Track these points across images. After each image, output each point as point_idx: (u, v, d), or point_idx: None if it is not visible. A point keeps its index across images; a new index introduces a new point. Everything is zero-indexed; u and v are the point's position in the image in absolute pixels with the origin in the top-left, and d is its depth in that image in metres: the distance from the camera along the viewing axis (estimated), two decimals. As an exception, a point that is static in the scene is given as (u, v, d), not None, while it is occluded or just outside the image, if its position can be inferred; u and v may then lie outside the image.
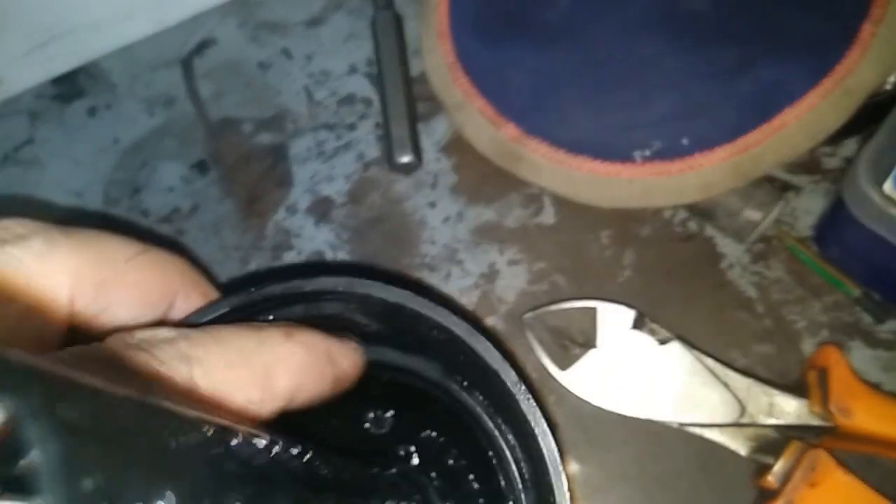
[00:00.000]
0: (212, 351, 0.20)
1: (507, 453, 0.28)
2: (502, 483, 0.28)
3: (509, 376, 0.24)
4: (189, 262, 0.26)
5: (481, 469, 0.29)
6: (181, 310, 0.25)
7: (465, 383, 0.29)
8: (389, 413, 0.29)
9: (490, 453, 0.28)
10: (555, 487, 0.24)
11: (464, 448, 0.29)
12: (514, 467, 0.28)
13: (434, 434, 0.29)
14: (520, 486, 0.27)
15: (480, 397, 0.29)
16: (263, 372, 0.21)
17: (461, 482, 0.29)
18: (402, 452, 0.28)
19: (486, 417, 0.28)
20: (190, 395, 0.19)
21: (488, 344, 0.25)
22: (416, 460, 0.28)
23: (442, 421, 0.29)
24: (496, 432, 0.28)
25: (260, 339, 0.22)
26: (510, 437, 0.28)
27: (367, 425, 0.29)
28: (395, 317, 0.25)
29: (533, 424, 0.24)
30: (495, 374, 0.25)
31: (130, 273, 0.24)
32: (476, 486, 0.29)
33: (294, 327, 0.23)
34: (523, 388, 0.24)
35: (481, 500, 0.28)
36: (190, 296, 0.25)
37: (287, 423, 0.21)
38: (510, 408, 0.25)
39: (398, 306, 0.25)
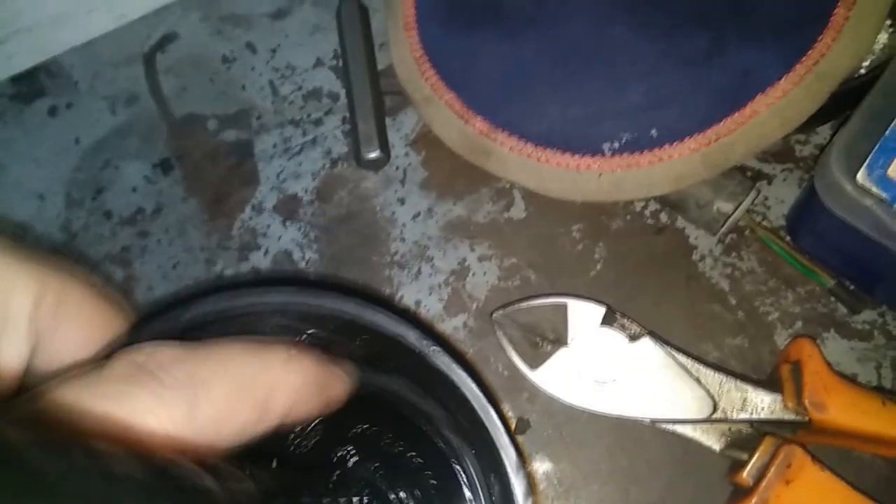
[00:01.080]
0: (218, 372, 0.20)
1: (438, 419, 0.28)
2: (441, 446, 0.28)
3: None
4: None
5: (417, 443, 0.28)
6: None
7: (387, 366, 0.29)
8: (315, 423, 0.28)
9: (418, 424, 0.28)
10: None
11: (395, 430, 0.29)
12: (447, 432, 0.28)
13: (365, 426, 0.29)
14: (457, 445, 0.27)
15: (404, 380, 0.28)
16: (264, 394, 0.21)
17: (402, 463, 0.29)
18: (340, 454, 0.28)
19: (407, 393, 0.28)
20: (188, 420, 0.19)
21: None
22: (354, 458, 0.28)
23: (367, 410, 0.29)
24: (420, 403, 0.28)
25: (262, 361, 0.21)
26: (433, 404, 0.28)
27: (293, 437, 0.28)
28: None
29: (458, 383, 0.24)
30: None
31: (86, 309, 0.23)
32: (419, 461, 0.28)
33: (296, 349, 0.23)
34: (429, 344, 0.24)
35: (428, 473, 0.28)
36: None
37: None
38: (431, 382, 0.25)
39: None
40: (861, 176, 0.32)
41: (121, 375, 0.19)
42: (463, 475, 0.28)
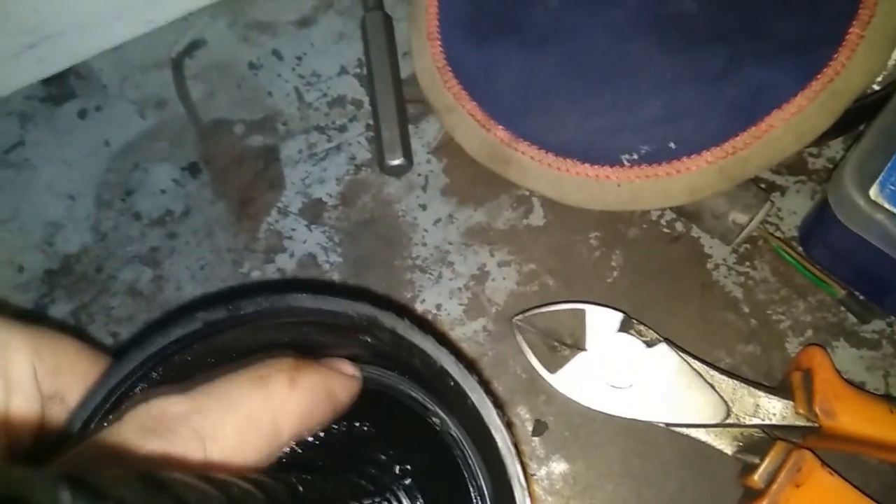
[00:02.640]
0: (224, 420, 0.21)
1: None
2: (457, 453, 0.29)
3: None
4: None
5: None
6: None
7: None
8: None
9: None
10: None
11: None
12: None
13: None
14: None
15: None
16: (272, 428, 0.22)
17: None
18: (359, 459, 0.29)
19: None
20: (203, 468, 0.20)
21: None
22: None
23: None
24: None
25: (266, 395, 0.23)
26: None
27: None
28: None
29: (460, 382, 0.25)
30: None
31: (81, 362, 0.25)
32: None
33: (297, 371, 0.24)
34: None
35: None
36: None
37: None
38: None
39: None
40: (874, 191, 0.33)
41: (134, 433, 0.20)
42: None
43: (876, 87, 0.40)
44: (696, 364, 0.36)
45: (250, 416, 0.22)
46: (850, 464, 0.36)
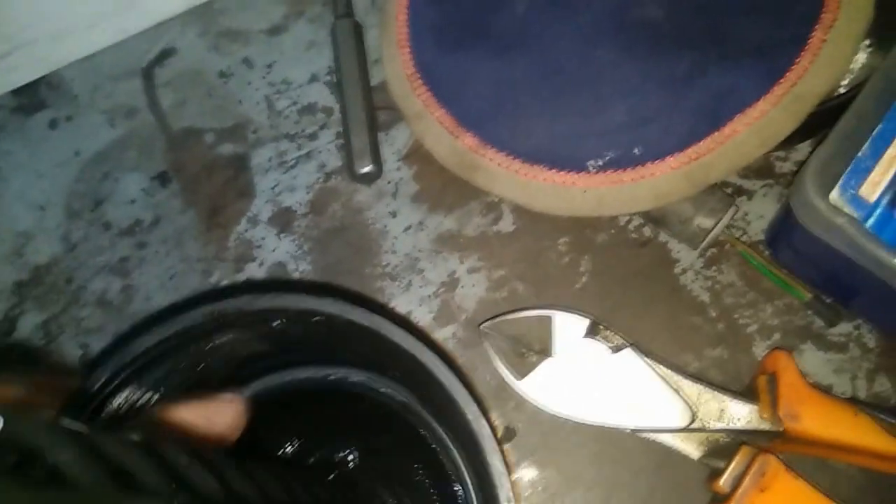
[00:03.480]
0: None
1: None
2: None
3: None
4: None
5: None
6: None
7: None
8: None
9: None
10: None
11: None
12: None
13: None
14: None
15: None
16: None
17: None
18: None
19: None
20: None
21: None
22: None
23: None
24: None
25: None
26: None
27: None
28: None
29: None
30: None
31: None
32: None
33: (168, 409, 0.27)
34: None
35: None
36: None
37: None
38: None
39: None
40: (834, 195, 0.33)
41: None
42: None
43: (842, 90, 0.41)
44: (662, 369, 0.36)
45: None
46: (819, 467, 0.36)
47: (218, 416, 0.27)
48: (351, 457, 0.33)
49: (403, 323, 0.28)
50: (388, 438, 0.35)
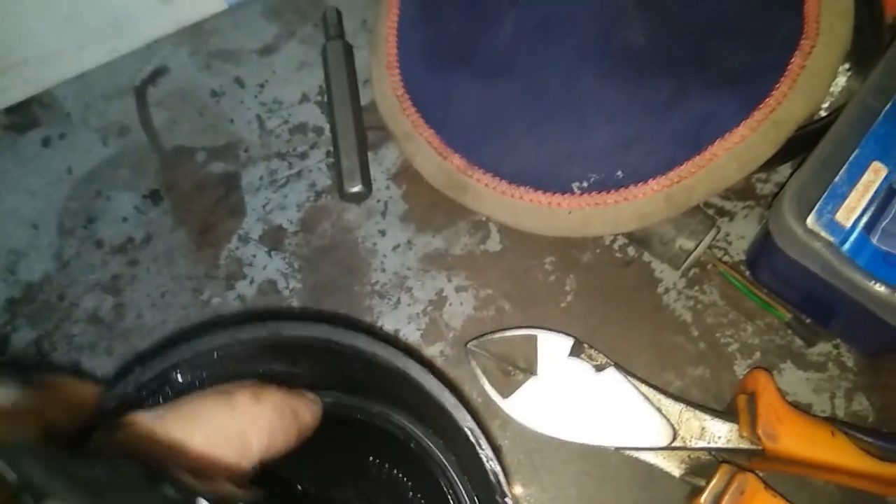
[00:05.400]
0: (191, 433, 0.23)
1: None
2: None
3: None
4: None
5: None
6: None
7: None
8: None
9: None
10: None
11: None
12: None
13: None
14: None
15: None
16: (238, 439, 0.23)
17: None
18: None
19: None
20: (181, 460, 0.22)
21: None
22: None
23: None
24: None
25: (231, 408, 0.24)
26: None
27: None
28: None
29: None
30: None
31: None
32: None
33: (260, 388, 0.25)
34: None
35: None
36: None
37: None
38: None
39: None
40: (811, 220, 0.34)
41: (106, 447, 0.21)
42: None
43: (822, 114, 0.41)
44: (644, 388, 0.37)
45: (218, 427, 0.23)
46: (798, 485, 0.37)
47: (303, 410, 0.26)
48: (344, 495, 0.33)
49: (413, 356, 0.28)
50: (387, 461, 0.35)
